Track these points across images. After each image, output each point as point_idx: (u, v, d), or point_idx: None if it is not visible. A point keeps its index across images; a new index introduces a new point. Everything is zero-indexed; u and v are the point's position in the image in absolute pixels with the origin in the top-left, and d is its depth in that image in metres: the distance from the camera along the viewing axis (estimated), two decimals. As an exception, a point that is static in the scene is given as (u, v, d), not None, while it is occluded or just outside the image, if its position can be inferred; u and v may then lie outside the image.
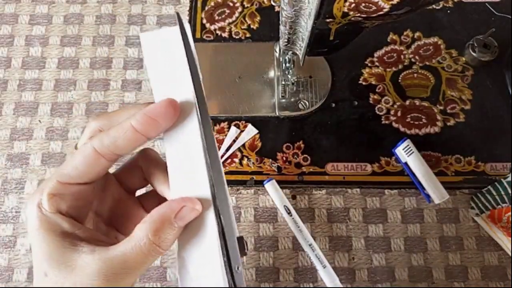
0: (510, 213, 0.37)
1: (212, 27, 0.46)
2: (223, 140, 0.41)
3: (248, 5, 0.46)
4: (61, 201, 0.24)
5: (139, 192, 0.28)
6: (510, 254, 0.38)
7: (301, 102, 0.42)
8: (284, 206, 0.38)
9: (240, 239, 0.24)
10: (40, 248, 0.23)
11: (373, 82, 0.43)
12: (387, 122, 0.42)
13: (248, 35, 0.45)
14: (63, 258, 0.23)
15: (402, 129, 0.42)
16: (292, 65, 0.41)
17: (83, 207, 0.25)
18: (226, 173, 0.40)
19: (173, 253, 0.38)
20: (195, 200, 0.24)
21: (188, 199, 0.24)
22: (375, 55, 0.44)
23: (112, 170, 0.26)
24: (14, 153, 0.42)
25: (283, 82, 0.42)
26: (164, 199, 0.25)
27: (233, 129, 0.41)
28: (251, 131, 0.41)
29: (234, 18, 0.46)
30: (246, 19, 0.46)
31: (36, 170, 0.41)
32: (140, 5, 0.47)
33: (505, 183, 0.38)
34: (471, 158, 0.41)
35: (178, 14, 0.26)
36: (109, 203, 0.27)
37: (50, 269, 0.23)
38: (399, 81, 0.43)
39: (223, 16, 0.46)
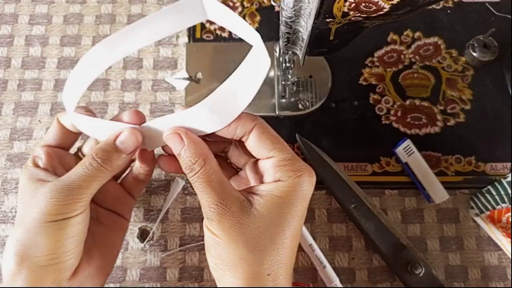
0: (509, 214, 0.37)
1: (212, 27, 0.46)
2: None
3: (248, 5, 0.46)
4: (40, 160, 0.31)
5: None
6: (509, 255, 0.37)
7: (301, 102, 0.42)
8: (284, 206, 0.38)
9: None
10: (20, 193, 0.30)
11: (373, 82, 0.43)
12: (387, 122, 0.42)
13: (248, 35, 0.45)
14: (32, 193, 0.28)
15: (402, 129, 0.42)
16: (292, 65, 0.41)
17: (59, 169, 0.31)
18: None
19: (173, 253, 0.38)
20: (136, 130, 0.28)
21: (130, 128, 0.28)
22: (375, 55, 0.44)
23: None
24: (14, 153, 0.42)
25: (283, 82, 0.42)
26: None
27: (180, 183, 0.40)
28: (177, 185, 0.40)
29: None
30: (246, 19, 0.46)
31: (36, 170, 0.41)
32: (140, 5, 0.47)
33: (505, 183, 0.38)
34: (471, 158, 0.41)
35: None
36: None
37: (21, 205, 0.29)
38: (399, 81, 0.43)
39: (223, 16, 0.46)
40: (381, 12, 0.27)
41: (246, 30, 0.29)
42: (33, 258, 0.27)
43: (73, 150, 0.34)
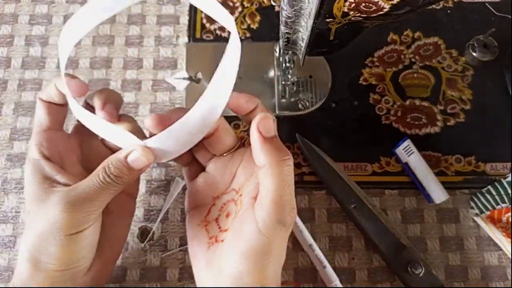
0: (509, 214, 0.37)
1: (212, 27, 0.46)
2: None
3: (248, 5, 0.46)
4: (43, 147, 0.30)
5: None
6: (509, 255, 0.37)
7: (301, 102, 0.42)
8: (284, 206, 0.38)
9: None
10: (27, 190, 0.29)
11: (373, 82, 0.43)
12: (387, 122, 0.42)
13: (248, 35, 0.45)
14: (41, 197, 0.28)
15: (402, 129, 0.42)
16: (292, 65, 0.41)
17: (63, 153, 0.31)
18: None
19: (173, 253, 0.38)
20: (147, 149, 0.28)
21: (141, 147, 0.28)
22: (375, 55, 0.44)
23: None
24: (14, 153, 0.42)
25: (283, 82, 0.42)
26: None
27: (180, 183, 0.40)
28: (177, 185, 0.40)
29: (234, 18, 0.46)
30: (246, 19, 0.46)
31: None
32: (140, 5, 0.47)
33: (505, 183, 0.38)
34: (471, 158, 0.41)
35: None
36: (92, 155, 0.33)
37: (30, 207, 0.29)
38: (399, 81, 0.43)
39: (223, 16, 0.46)
40: (381, 12, 0.27)
41: (221, 13, 0.30)
42: (47, 264, 0.28)
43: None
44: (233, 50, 0.29)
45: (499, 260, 0.38)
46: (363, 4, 0.26)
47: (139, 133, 0.33)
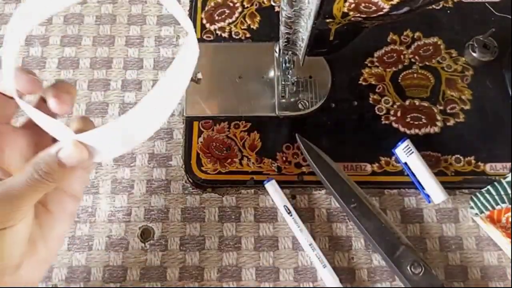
0: (509, 214, 0.37)
1: (212, 27, 0.46)
2: (222, 139, 0.42)
3: (248, 5, 0.46)
4: None
5: None
6: (509, 255, 0.38)
7: (301, 102, 0.42)
8: (284, 206, 0.38)
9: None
10: None
11: (373, 82, 0.43)
12: (387, 122, 0.42)
13: (248, 35, 0.45)
14: None
15: (402, 129, 0.42)
16: (292, 65, 0.41)
17: (5, 148, 0.29)
18: (226, 173, 0.41)
19: (173, 253, 0.38)
20: (80, 145, 0.27)
21: (74, 142, 0.27)
22: (375, 55, 0.44)
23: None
24: (14, 153, 0.42)
25: (283, 82, 0.42)
26: None
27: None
28: None
29: (234, 18, 0.46)
30: (246, 19, 0.46)
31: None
32: (140, 5, 0.47)
33: (504, 183, 0.38)
34: (471, 158, 0.41)
35: None
36: (33, 147, 0.31)
37: None
38: (399, 81, 0.43)
39: (223, 16, 0.46)
40: (381, 13, 0.27)
41: (180, 15, 0.29)
42: None
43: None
44: (187, 55, 0.28)
45: (499, 260, 0.38)
46: (363, 5, 0.26)
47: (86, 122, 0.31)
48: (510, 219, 0.37)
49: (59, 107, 0.29)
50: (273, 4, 0.46)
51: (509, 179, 0.38)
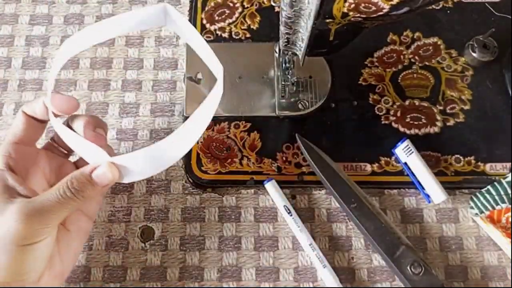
0: (509, 214, 0.37)
1: (212, 28, 0.46)
2: (222, 139, 0.42)
3: (248, 5, 0.46)
4: (10, 159, 0.30)
5: None
6: (509, 255, 0.38)
7: (301, 102, 0.42)
8: (284, 206, 0.38)
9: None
10: None
11: (373, 82, 0.44)
12: (386, 122, 0.42)
13: (248, 35, 0.45)
14: (0, 208, 0.28)
15: (401, 129, 0.42)
16: (292, 65, 0.41)
17: (29, 167, 0.32)
18: (226, 173, 0.41)
19: (173, 253, 0.38)
20: (113, 166, 0.29)
21: (108, 163, 0.29)
22: (375, 55, 0.44)
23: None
24: (14, 153, 0.42)
25: (283, 82, 0.42)
26: None
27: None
28: None
29: (234, 19, 0.46)
30: (246, 19, 0.46)
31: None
32: (140, 6, 0.47)
33: (504, 183, 0.38)
34: (471, 158, 0.41)
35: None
36: (61, 176, 0.32)
37: None
38: (399, 81, 0.44)
39: (223, 16, 0.46)
40: (381, 13, 0.27)
41: (210, 57, 0.32)
42: None
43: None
44: (216, 95, 0.31)
45: (499, 260, 0.38)
46: (363, 5, 0.26)
47: (108, 148, 0.34)
48: (510, 219, 0.37)
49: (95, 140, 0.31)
50: (273, 4, 0.46)
51: (509, 179, 0.38)
